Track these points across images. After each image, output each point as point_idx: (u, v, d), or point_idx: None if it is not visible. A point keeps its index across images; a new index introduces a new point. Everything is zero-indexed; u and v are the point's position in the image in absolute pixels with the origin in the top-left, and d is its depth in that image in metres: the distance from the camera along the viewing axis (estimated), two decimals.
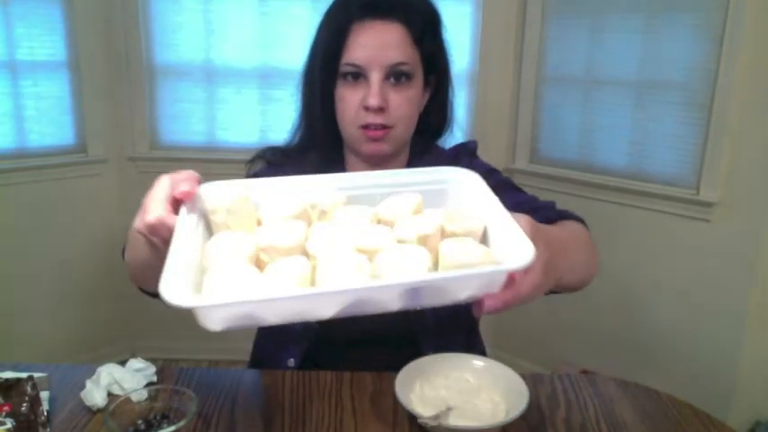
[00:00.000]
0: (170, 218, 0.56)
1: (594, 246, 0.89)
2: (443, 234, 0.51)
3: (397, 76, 0.93)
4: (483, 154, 1.16)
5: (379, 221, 0.54)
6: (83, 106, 2.44)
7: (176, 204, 0.58)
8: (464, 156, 1.08)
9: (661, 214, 2.13)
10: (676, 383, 2.10)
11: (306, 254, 0.48)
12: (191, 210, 0.53)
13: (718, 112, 1.94)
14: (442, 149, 1.10)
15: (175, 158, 2.56)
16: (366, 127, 0.94)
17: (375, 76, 0.91)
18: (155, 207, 0.57)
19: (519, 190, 1.03)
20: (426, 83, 1.00)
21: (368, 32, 0.91)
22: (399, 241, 0.50)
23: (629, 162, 2.22)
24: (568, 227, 0.87)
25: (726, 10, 1.88)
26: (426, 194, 0.58)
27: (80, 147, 2.47)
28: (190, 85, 2.53)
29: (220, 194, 0.54)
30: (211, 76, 2.52)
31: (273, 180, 0.60)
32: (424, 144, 1.09)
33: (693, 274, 2.08)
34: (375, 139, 0.95)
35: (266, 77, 2.50)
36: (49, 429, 0.82)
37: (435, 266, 0.48)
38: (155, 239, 0.59)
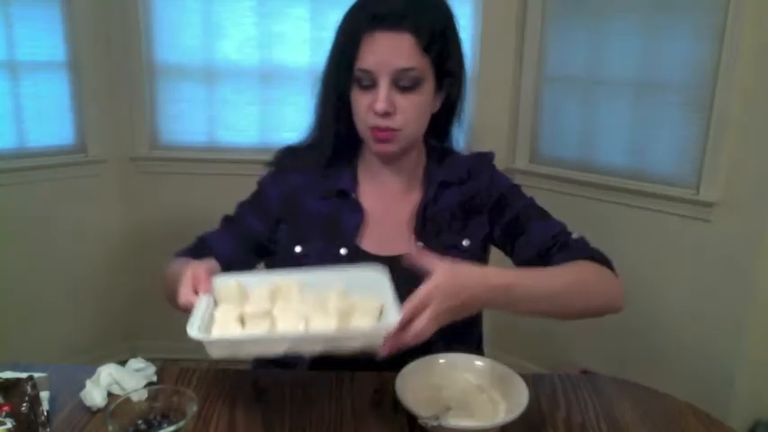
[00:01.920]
0: (194, 299, 0.81)
1: (611, 281, 1.01)
2: (354, 308, 0.77)
3: (404, 81, 0.96)
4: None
5: (317, 300, 0.79)
6: (83, 106, 2.43)
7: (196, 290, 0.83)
8: (486, 168, 1.15)
9: (661, 214, 2.13)
10: (676, 383, 2.10)
11: (272, 316, 0.77)
12: (205, 293, 0.82)
13: (718, 112, 1.94)
14: (461, 157, 1.15)
15: (175, 158, 2.56)
16: (375, 128, 1.00)
17: (383, 82, 0.96)
18: (184, 293, 0.82)
19: (544, 214, 1.12)
20: (440, 86, 1.02)
21: (377, 42, 0.95)
22: (327, 312, 0.76)
23: (629, 162, 2.22)
24: (570, 268, 0.96)
25: (726, 10, 1.88)
26: (355, 281, 0.83)
27: (80, 147, 2.47)
28: (190, 85, 2.53)
29: (223, 286, 0.83)
30: (212, 75, 2.52)
31: (261, 275, 0.90)
32: (441, 148, 1.15)
33: (693, 274, 2.07)
34: (382, 140, 1.00)
35: (266, 77, 2.49)
36: (48, 429, 0.82)
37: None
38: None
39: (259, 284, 0.84)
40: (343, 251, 1.05)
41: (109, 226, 2.59)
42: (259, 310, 0.76)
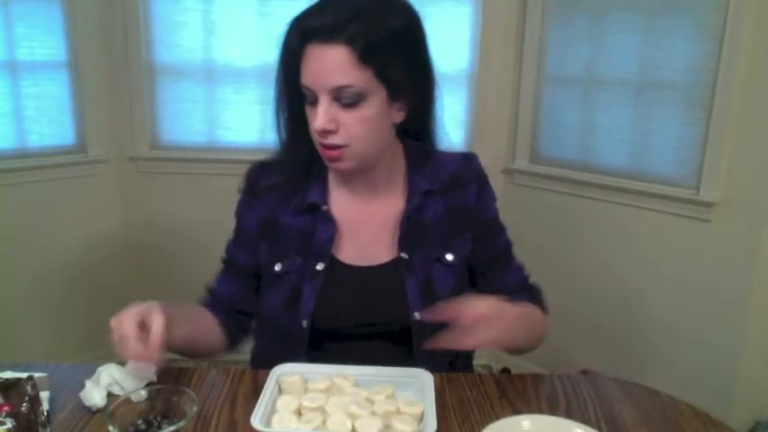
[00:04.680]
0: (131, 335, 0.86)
1: (546, 327, 1.11)
2: (399, 412, 0.85)
3: (345, 98, 0.91)
4: (482, 154, 1.17)
5: (367, 399, 0.88)
6: (83, 106, 2.43)
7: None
8: (472, 178, 1.08)
9: (661, 214, 2.13)
10: (676, 383, 2.10)
11: (325, 411, 0.85)
12: (271, 379, 0.91)
13: (718, 112, 1.94)
14: (444, 159, 1.08)
15: (175, 158, 2.56)
16: (321, 146, 0.96)
17: (322, 100, 0.91)
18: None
19: (512, 250, 1.16)
20: (395, 96, 0.96)
21: (313, 56, 0.91)
22: (373, 413, 0.84)
23: (629, 162, 2.22)
24: (532, 315, 1.05)
25: (726, 10, 1.88)
26: (399, 381, 0.93)
27: (80, 147, 2.47)
28: (190, 85, 2.53)
29: (288, 378, 0.92)
30: (211, 76, 2.52)
31: (323, 368, 0.95)
32: (423, 150, 1.08)
33: (693, 273, 2.07)
34: (331, 159, 0.96)
35: (266, 77, 2.47)
36: (48, 429, 0.82)
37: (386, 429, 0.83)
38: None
39: (319, 378, 0.93)
40: (319, 266, 1.02)
41: (109, 226, 2.59)
42: (314, 406, 0.85)
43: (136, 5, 2.42)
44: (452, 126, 2.56)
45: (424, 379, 0.91)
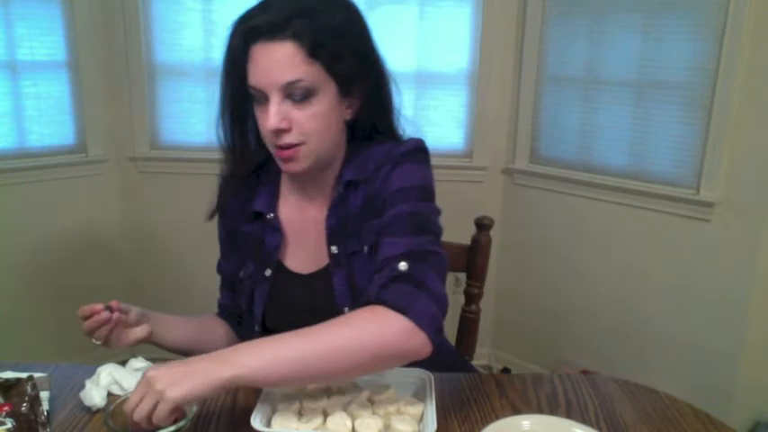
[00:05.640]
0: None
1: (380, 334, 0.81)
2: (399, 412, 0.86)
3: (296, 95, 0.90)
4: (482, 154, 1.15)
5: (367, 399, 0.88)
6: (83, 106, 2.43)
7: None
8: (391, 162, 0.97)
9: (661, 214, 2.13)
10: (676, 383, 2.10)
11: (325, 411, 0.85)
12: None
13: (718, 112, 1.94)
14: (379, 149, 1.01)
15: (175, 158, 2.56)
16: (276, 147, 0.94)
17: (273, 98, 0.90)
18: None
19: (413, 229, 0.91)
20: (347, 90, 0.94)
21: (260, 55, 0.89)
22: (373, 413, 0.85)
23: (628, 162, 2.22)
24: (327, 329, 0.82)
25: (726, 10, 1.88)
26: (399, 381, 0.92)
27: (80, 147, 2.47)
28: (190, 85, 2.53)
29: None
30: (211, 76, 2.51)
31: None
32: (361, 144, 1.03)
33: (693, 273, 2.08)
34: (286, 159, 0.94)
35: None
36: (48, 429, 0.82)
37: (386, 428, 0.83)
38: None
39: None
40: (267, 272, 1.04)
41: (109, 226, 2.59)
42: (314, 406, 0.86)
43: (136, 5, 2.42)
44: (452, 126, 2.58)
45: (423, 379, 0.92)
